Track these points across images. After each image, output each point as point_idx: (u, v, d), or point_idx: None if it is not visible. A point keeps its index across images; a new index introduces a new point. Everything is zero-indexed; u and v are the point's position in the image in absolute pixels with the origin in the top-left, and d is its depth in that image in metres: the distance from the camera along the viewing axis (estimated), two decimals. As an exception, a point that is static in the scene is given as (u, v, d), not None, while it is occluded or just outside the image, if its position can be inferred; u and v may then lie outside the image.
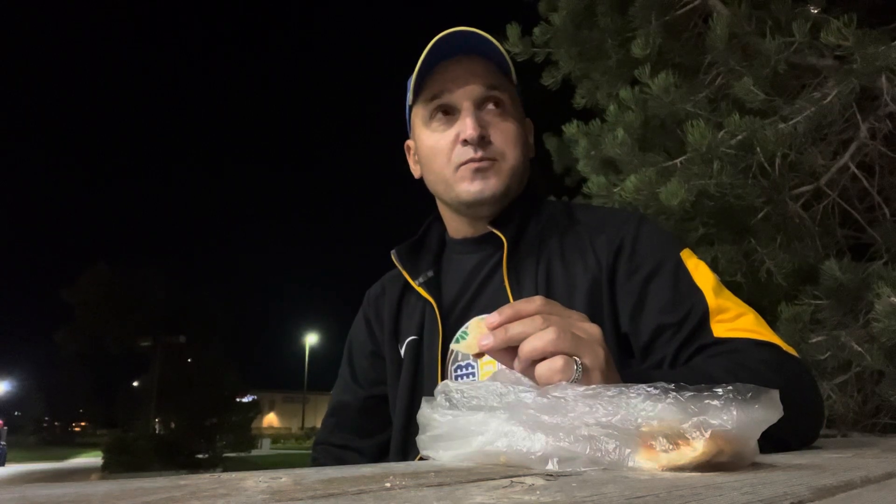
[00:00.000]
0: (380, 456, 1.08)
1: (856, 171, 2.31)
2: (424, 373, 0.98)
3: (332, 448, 1.11)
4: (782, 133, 2.13)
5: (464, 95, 0.95)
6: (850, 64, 2.06)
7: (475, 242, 1.03)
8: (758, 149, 2.15)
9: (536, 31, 3.02)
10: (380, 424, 1.08)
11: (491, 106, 0.96)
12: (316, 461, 1.11)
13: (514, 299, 0.90)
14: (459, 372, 0.95)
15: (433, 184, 1.02)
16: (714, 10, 2.47)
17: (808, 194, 2.37)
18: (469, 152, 0.94)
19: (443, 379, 0.94)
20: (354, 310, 1.19)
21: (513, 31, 2.99)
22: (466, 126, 0.94)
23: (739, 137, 2.17)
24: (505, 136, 0.96)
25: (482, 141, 0.94)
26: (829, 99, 2.12)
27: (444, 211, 1.07)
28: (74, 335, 26.22)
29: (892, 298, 1.78)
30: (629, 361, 0.88)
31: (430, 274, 1.03)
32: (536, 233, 0.99)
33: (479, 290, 0.98)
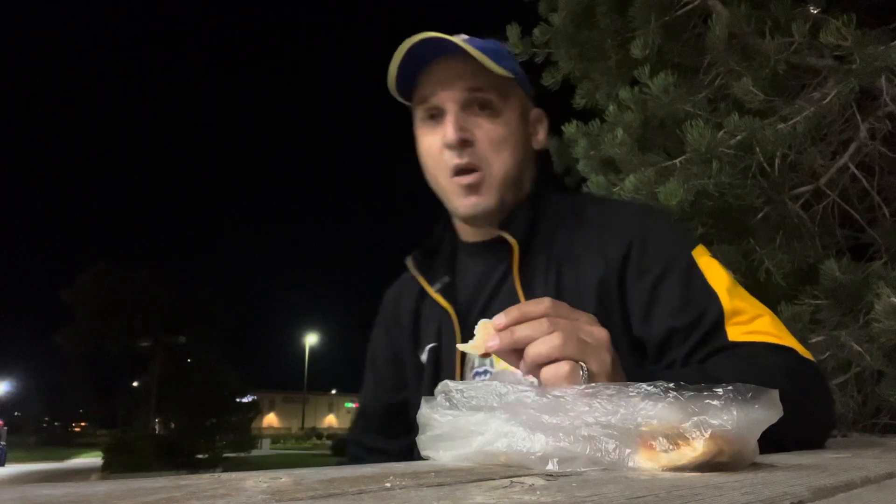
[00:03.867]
0: (407, 457, 1.07)
1: (855, 171, 2.31)
2: (442, 378, 0.98)
3: (364, 448, 1.13)
4: (782, 133, 2.12)
5: (448, 98, 0.93)
6: (850, 64, 2.06)
7: (485, 246, 1.01)
8: (757, 149, 2.14)
9: (536, 31, 3.02)
10: (405, 426, 1.06)
11: (477, 108, 0.94)
12: (356, 458, 1.12)
13: None
14: (476, 379, 0.95)
15: (432, 186, 1.02)
16: (714, 11, 2.47)
17: (807, 194, 2.37)
18: (453, 157, 0.93)
19: None
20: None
21: (513, 31, 2.99)
22: (447, 130, 0.92)
23: (739, 137, 2.17)
24: (491, 139, 0.93)
25: (464, 144, 0.92)
26: (828, 99, 2.12)
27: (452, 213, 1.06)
28: (74, 335, 26.24)
29: (892, 298, 1.78)
30: (643, 363, 0.86)
31: (447, 279, 1.02)
32: (545, 233, 0.97)
33: (492, 294, 0.97)
